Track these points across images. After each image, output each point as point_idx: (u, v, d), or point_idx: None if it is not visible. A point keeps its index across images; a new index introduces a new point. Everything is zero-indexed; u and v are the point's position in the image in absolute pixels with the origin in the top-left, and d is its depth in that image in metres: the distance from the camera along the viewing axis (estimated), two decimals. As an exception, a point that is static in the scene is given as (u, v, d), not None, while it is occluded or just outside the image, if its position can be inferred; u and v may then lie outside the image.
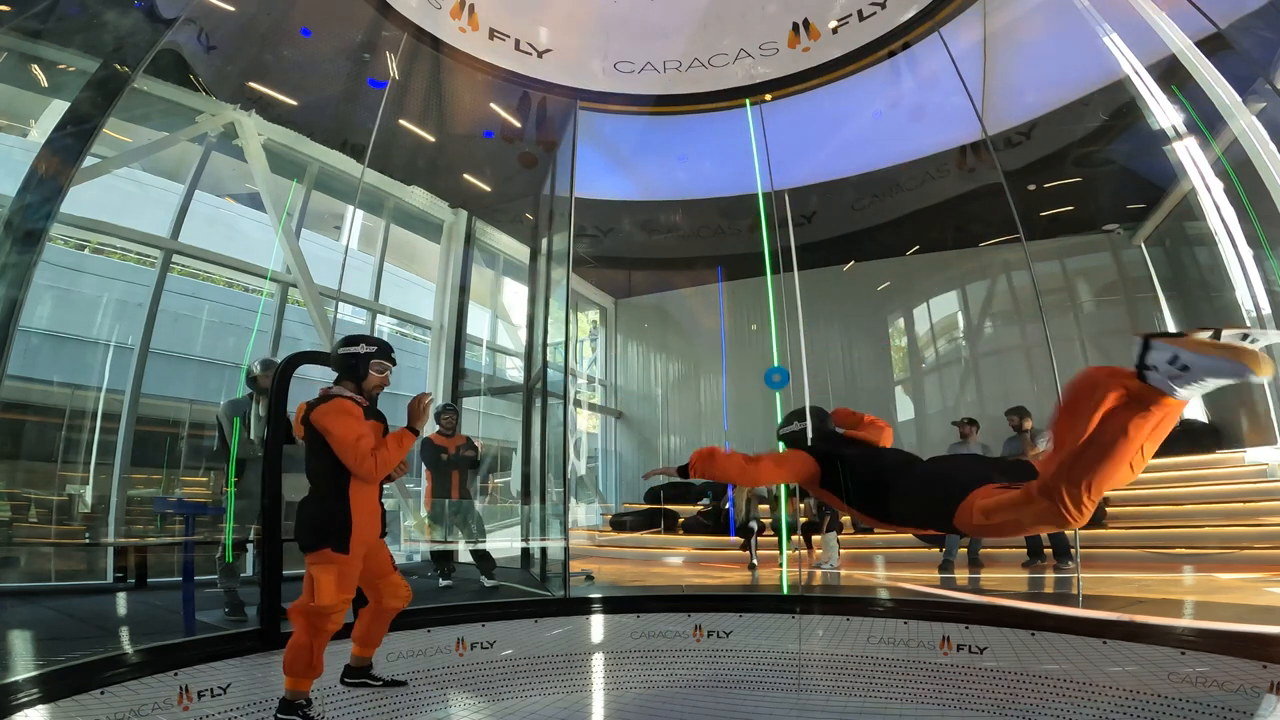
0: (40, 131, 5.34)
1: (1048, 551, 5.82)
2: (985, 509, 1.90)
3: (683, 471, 2.57)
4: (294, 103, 6.55)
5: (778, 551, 6.46)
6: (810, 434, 2.90)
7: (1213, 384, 1.49)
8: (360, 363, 2.86)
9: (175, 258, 6.07)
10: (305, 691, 2.71)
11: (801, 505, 7.09)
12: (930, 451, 7.31)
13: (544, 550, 6.33)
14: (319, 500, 2.75)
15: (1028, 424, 5.73)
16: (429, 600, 4.66)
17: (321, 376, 4.30)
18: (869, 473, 2.38)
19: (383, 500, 3.01)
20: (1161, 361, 1.55)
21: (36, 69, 5.07)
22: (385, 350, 2.91)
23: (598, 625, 4.27)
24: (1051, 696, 3.04)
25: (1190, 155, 5.43)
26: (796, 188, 7.84)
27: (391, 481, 3.20)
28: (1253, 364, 1.39)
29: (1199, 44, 4.87)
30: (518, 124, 7.27)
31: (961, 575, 5.82)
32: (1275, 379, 5.99)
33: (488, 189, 8.45)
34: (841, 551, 6.80)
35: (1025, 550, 6.00)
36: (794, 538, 6.57)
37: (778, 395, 5.57)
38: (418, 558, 6.39)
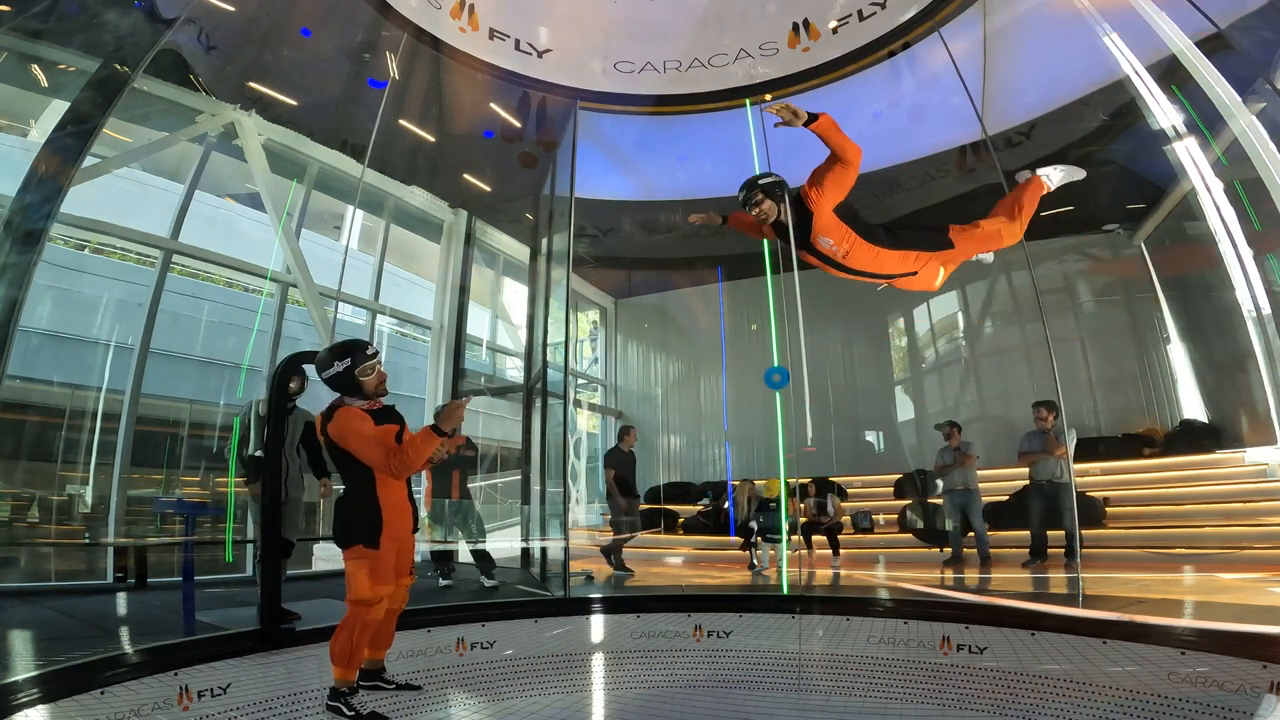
0: (40, 131, 5.34)
1: (1058, 552, 5.81)
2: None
3: (810, 119, 2.72)
4: (294, 103, 6.55)
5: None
6: None
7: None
8: (348, 378, 2.88)
9: (175, 258, 6.07)
10: (351, 680, 2.88)
11: (802, 505, 7.10)
12: (931, 455, 7.33)
13: (544, 550, 6.33)
14: (350, 500, 2.88)
15: (1051, 420, 5.72)
16: (429, 600, 4.66)
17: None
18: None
19: (413, 497, 3.06)
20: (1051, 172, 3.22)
21: (36, 69, 5.07)
22: (360, 353, 2.89)
23: (598, 625, 4.27)
24: (1051, 696, 3.03)
25: (1190, 155, 5.43)
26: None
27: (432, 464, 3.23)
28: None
29: (1199, 44, 4.87)
30: (518, 124, 7.27)
31: (970, 575, 5.83)
32: (1275, 378, 5.99)
33: (488, 189, 8.44)
34: (842, 551, 6.81)
35: (1028, 550, 6.00)
36: (794, 538, 6.57)
37: (778, 395, 5.56)
38: (419, 558, 6.39)
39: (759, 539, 6.58)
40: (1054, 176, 3.25)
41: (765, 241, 6.11)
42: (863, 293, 9.79)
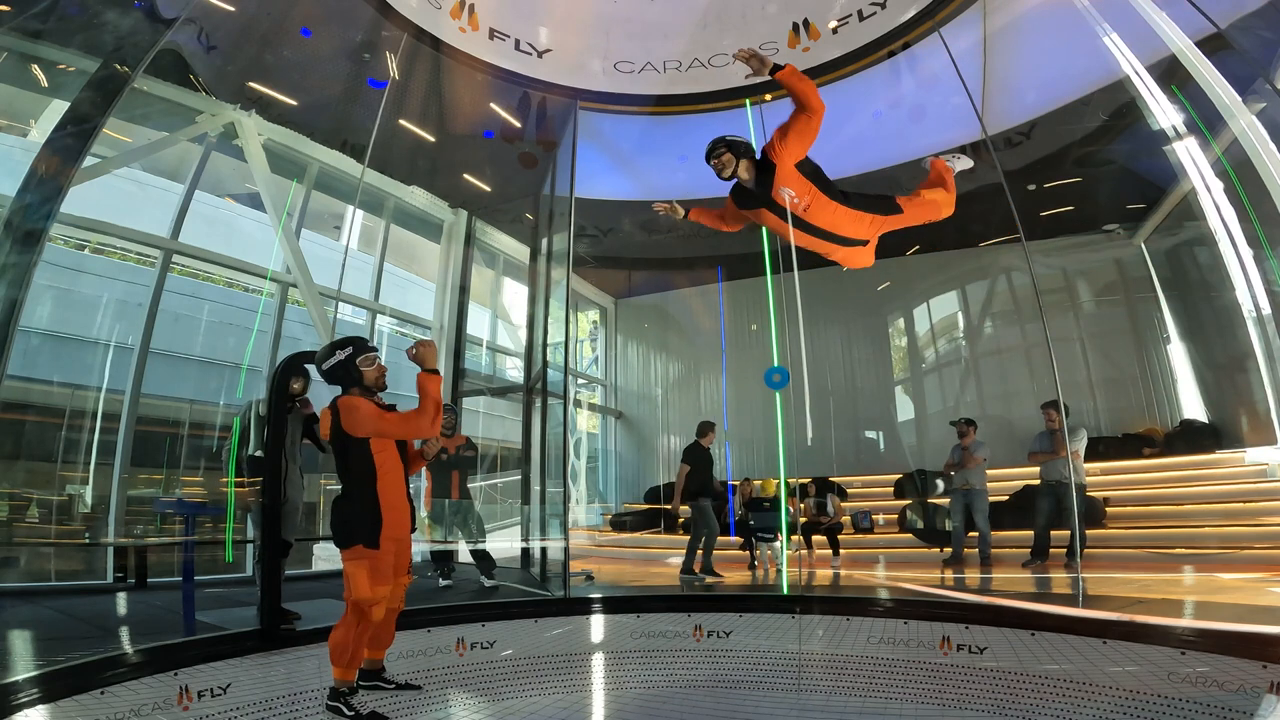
0: (40, 131, 5.34)
1: (1059, 552, 5.80)
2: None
3: (775, 69, 2.86)
4: (294, 103, 6.55)
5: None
6: None
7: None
8: (349, 369, 2.93)
9: (175, 258, 6.07)
10: (351, 680, 2.90)
11: (801, 505, 7.10)
12: (931, 455, 7.32)
13: (544, 550, 6.33)
14: (350, 499, 2.88)
15: (1056, 421, 5.69)
16: (429, 600, 4.66)
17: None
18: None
19: (411, 498, 3.07)
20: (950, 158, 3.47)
21: (36, 69, 5.07)
22: (360, 346, 2.98)
23: (598, 625, 4.26)
24: (1051, 696, 3.04)
25: (1190, 155, 5.43)
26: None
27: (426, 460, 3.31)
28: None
29: (1199, 44, 4.86)
30: (518, 124, 7.27)
31: (969, 575, 5.83)
32: (1275, 378, 5.99)
33: (488, 189, 8.45)
34: (842, 551, 6.81)
35: (1029, 550, 6.00)
36: (794, 538, 6.57)
37: (777, 395, 5.56)
38: (418, 558, 6.39)
39: (754, 538, 6.59)
40: (955, 163, 3.61)
41: (765, 241, 6.13)
42: (863, 293, 9.88)
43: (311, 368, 3.95)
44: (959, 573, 5.88)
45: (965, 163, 3.63)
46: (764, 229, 6.22)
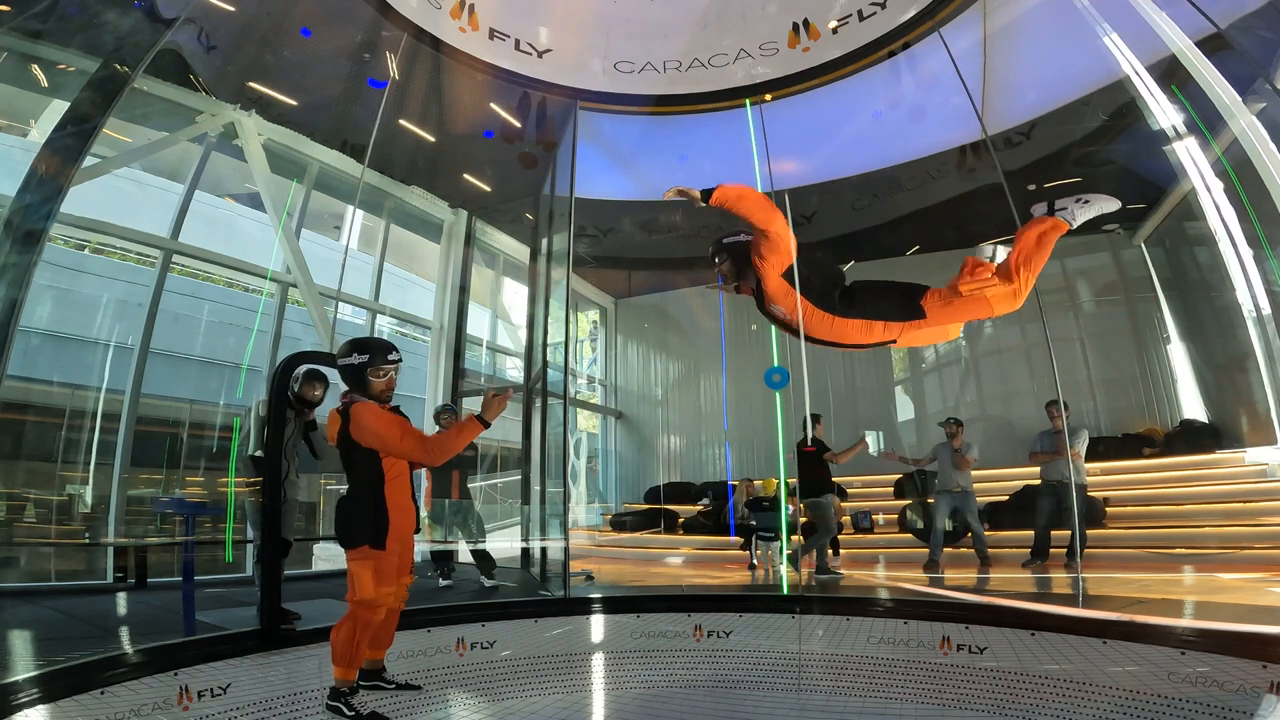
0: (40, 131, 5.34)
1: (1059, 552, 5.79)
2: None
3: (705, 195, 2.71)
4: (294, 103, 6.55)
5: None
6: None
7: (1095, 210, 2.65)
8: (359, 374, 2.90)
9: (175, 258, 6.07)
10: (352, 680, 2.89)
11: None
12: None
13: (544, 550, 6.33)
14: (355, 500, 2.87)
15: (1059, 422, 5.66)
16: (429, 600, 4.66)
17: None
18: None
19: (416, 499, 3.06)
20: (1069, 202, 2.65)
21: (36, 69, 5.07)
22: (381, 353, 2.92)
23: (598, 625, 4.26)
24: (1051, 696, 3.04)
25: (1190, 155, 5.43)
26: (796, 188, 7.84)
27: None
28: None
29: (1199, 44, 4.86)
30: (518, 124, 7.27)
31: (968, 576, 5.82)
32: (1275, 376, 5.99)
33: (488, 189, 8.45)
34: (842, 551, 6.81)
35: (1029, 550, 6.00)
36: (794, 538, 6.57)
37: (777, 395, 5.56)
38: (418, 558, 6.39)
39: (755, 537, 6.59)
40: (1076, 213, 2.66)
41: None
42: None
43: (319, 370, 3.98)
44: (935, 573, 5.83)
45: (1105, 204, 2.67)
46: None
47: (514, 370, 9.45)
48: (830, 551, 6.27)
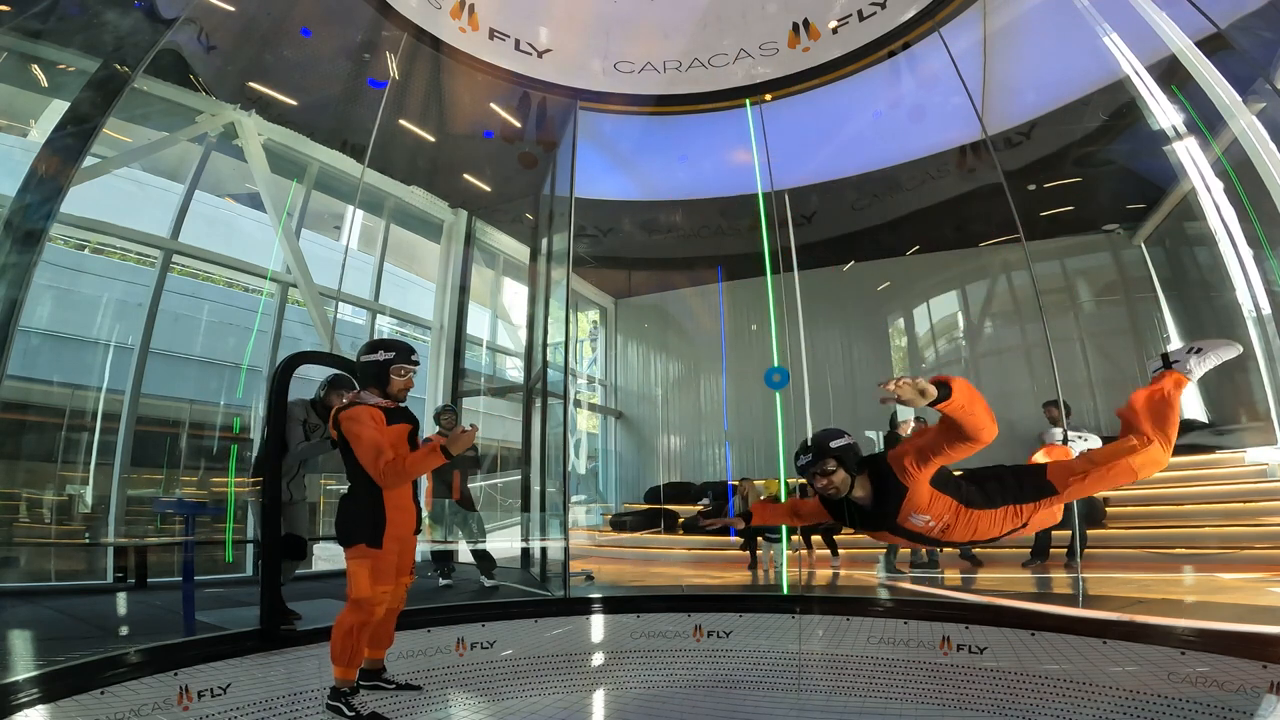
0: (40, 131, 5.33)
1: (1059, 552, 5.78)
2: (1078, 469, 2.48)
3: (745, 517, 2.72)
4: (294, 103, 6.55)
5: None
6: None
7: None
8: (381, 370, 2.92)
9: (175, 258, 6.07)
10: (352, 680, 2.89)
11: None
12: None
13: (544, 550, 6.33)
14: (356, 499, 2.87)
15: (1058, 420, 5.65)
16: (429, 600, 4.66)
17: (320, 375, 4.31)
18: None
19: (418, 499, 3.05)
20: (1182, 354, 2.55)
21: (36, 69, 5.07)
22: (405, 354, 2.97)
23: (598, 625, 4.27)
24: (1051, 696, 3.04)
25: (1190, 155, 5.43)
26: (796, 188, 7.85)
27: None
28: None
29: (1199, 44, 4.87)
30: (518, 124, 7.27)
31: (960, 576, 5.83)
32: (1275, 376, 5.99)
33: (488, 189, 8.44)
34: (841, 552, 6.81)
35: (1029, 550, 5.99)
36: (794, 538, 6.57)
37: (777, 395, 5.56)
38: (418, 558, 6.39)
39: (760, 538, 6.58)
40: (1194, 368, 2.59)
41: (765, 241, 6.13)
42: (863, 293, 9.88)
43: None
44: (924, 568, 5.84)
45: (1228, 350, 2.58)
46: (763, 230, 6.25)
47: (514, 370, 9.45)
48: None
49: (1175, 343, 7.89)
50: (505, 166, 8.05)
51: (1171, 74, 5.28)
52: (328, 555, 6.01)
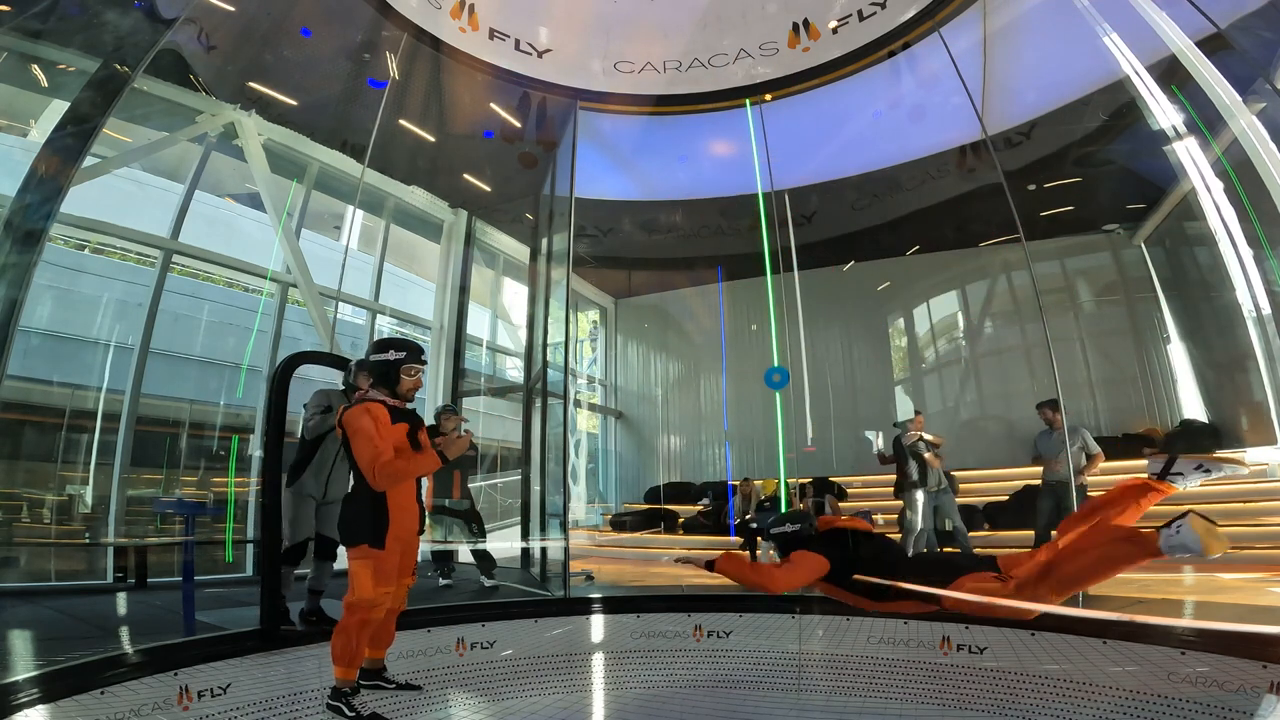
0: (40, 131, 5.34)
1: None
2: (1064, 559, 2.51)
3: (709, 566, 2.93)
4: (294, 103, 6.55)
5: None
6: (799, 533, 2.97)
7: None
8: (391, 369, 2.94)
9: (175, 258, 6.07)
10: (352, 680, 2.88)
11: (801, 506, 7.10)
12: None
13: (544, 550, 6.33)
14: (359, 499, 2.86)
15: (1058, 420, 5.65)
16: (429, 600, 4.66)
17: (320, 375, 4.31)
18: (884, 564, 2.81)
19: (421, 500, 3.05)
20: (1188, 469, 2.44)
21: (36, 69, 5.07)
22: (415, 353, 2.99)
23: (598, 625, 4.27)
24: (1051, 696, 3.04)
25: (1190, 155, 5.43)
26: (796, 188, 7.85)
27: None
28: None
29: (1199, 44, 4.86)
30: (518, 124, 7.27)
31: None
32: (1275, 376, 5.99)
33: (488, 189, 8.45)
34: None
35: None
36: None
37: (777, 395, 5.57)
38: (418, 557, 6.39)
39: (760, 538, 6.58)
40: (1190, 480, 2.51)
41: (765, 241, 6.14)
42: (863, 293, 9.88)
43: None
44: None
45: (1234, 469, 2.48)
46: (763, 230, 6.26)
47: (514, 370, 9.45)
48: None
49: (1175, 342, 7.90)
50: (505, 166, 8.05)
51: (1171, 74, 5.28)
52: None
